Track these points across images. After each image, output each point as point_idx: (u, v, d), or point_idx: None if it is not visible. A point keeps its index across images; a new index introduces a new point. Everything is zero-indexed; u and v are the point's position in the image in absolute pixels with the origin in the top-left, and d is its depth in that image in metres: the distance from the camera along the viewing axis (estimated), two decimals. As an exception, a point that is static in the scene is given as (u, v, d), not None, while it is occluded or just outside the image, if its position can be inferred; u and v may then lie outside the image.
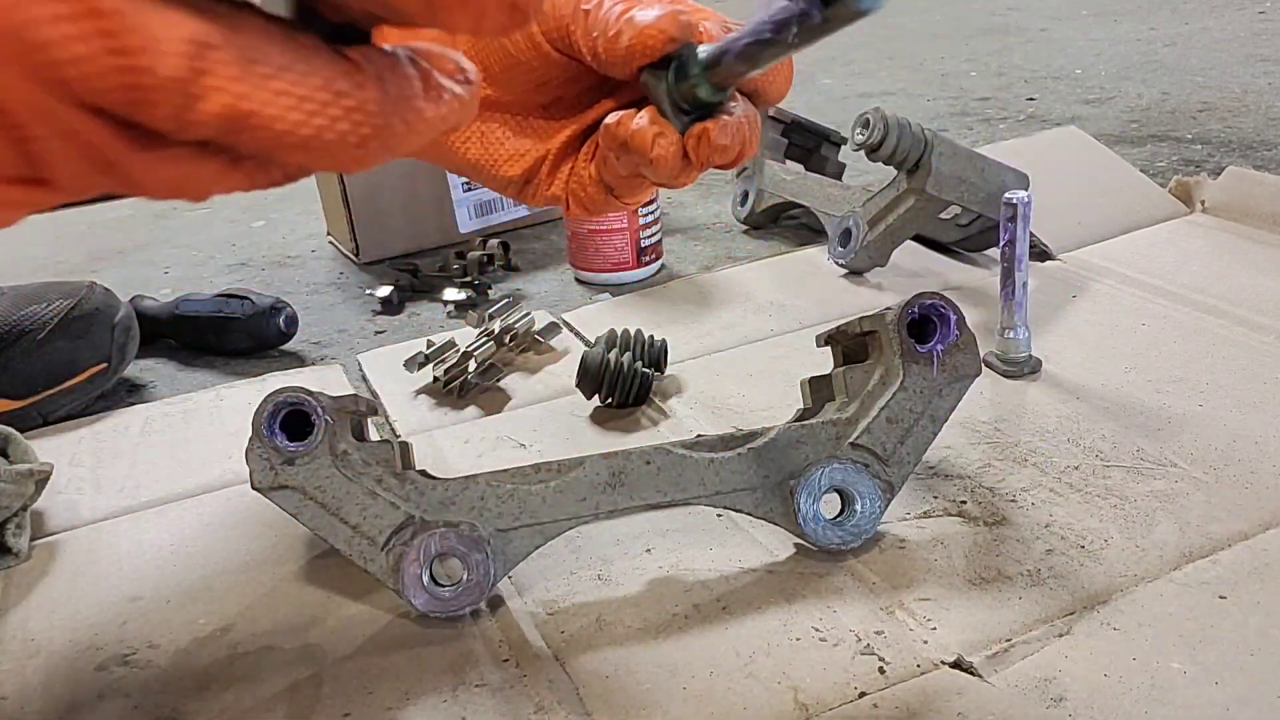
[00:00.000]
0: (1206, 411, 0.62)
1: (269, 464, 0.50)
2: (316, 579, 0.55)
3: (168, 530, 0.61)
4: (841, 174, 1.07)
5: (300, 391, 0.50)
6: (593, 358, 0.69)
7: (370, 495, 0.50)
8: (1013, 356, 0.69)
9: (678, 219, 1.11)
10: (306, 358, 0.85)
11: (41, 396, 0.74)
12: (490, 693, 0.46)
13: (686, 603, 0.51)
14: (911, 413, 0.53)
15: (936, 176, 0.80)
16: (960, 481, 0.58)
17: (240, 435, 0.67)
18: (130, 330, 0.79)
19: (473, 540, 0.50)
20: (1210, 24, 1.79)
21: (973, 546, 0.53)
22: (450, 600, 0.50)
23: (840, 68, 1.78)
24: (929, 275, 0.87)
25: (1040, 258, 0.87)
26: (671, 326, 0.81)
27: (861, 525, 0.52)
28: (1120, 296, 0.79)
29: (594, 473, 0.52)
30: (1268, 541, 0.51)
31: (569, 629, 0.50)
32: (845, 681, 0.45)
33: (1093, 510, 0.55)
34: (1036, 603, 0.48)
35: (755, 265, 0.93)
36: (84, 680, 0.49)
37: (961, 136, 1.30)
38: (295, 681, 0.48)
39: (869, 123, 0.80)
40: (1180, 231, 0.90)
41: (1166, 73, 1.50)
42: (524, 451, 0.66)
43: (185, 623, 0.53)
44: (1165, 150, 1.17)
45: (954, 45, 1.85)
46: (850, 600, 0.50)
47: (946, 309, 0.53)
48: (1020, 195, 0.66)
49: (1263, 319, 0.72)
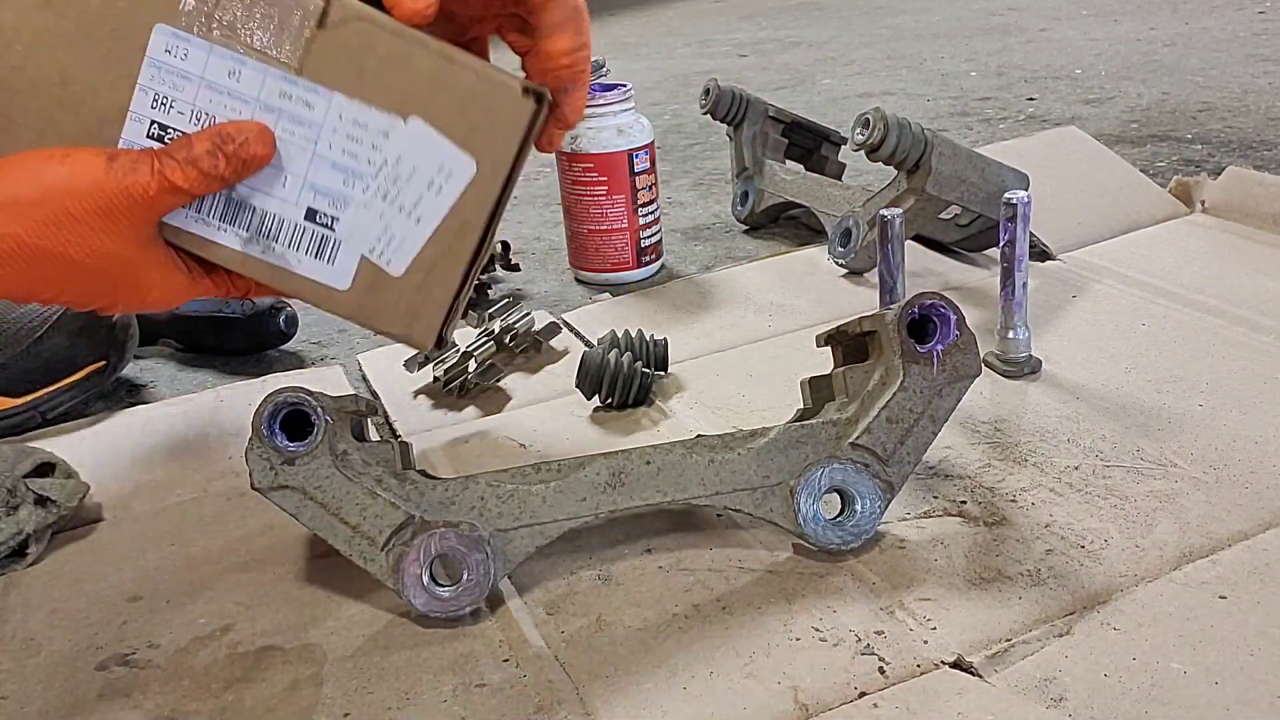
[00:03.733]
0: (1206, 411, 0.62)
1: (269, 464, 0.50)
2: (316, 579, 0.55)
3: (168, 530, 0.61)
4: (841, 174, 1.07)
5: (300, 391, 0.50)
6: (593, 358, 0.69)
7: (370, 495, 0.50)
8: (1013, 356, 0.69)
9: (678, 219, 1.11)
10: (306, 358, 0.85)
11: (40, 394, 0.74)
12: (490, 693, 0.46)
13: (686, 603, 0.51)
14: (911, 413, 0.53)
15: (936, 176, 0.80)
16: (960, 481, 0.58)
17: (240, 435, 0.67)
18: (129, 328, 0.79)
19: (473, 540, 0.50)
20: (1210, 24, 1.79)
21: (973, 546, 0.53)
22: (450, 600, 0.50)
23: (840, 68, 1.78)
24: (929, 275, 0.87)
25: (1040, 258, 0.87)
26: (671, 326, 0.81)
27: (861, 525, 0.52)
28: (1120, 296, 0.79)
29: (594, 473, 0.52)
30: (1268, 541, 0.51)
31: (569, 629, 0.50)
32: (845, 681, 0.45)
33: (1093, 510, 0.55)
34: (1036, 603, 0.48)
35: (755, 265, 0.93)
36: (84, 680, 0.49)
37: (961, 136, 1.30)
38: (295, 681, 0.48)
39: (869, 123, 0.80)
40: (1180, 231, 0.90)
41: (1166, 73, 1.50)
42: (524, 451, 0.66)
43: (185, 623, 0.53)
44: (1165, 150, 1.17)
45: (954, 45, 1.85)
46: (850, 600, 0.50)
47: (946, 309, 0.53)
48: (1020, 195, 0.66)
49: (1263, 319, 0.72)
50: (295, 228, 0.48)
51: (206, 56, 0.47)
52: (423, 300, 0.49)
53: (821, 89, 1.66)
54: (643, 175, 0.91)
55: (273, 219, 0.48)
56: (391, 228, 0.48)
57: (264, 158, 0.47)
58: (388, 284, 0.49)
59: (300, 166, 0.48)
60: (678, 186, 1.22)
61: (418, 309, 0.49)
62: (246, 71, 0.47)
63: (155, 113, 0.48)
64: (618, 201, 0.90)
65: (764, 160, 1.02)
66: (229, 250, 0.49)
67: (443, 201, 0.48)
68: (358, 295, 0.49)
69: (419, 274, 0.49)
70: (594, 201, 0.90)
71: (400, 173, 0.48)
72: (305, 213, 0.48)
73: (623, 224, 0.91)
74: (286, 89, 0.47)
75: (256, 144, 0.47)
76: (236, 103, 0.47)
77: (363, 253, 0.49)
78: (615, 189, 0.90)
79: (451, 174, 0.47)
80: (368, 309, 0.49)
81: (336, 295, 0.49)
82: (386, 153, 0.47)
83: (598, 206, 0.90)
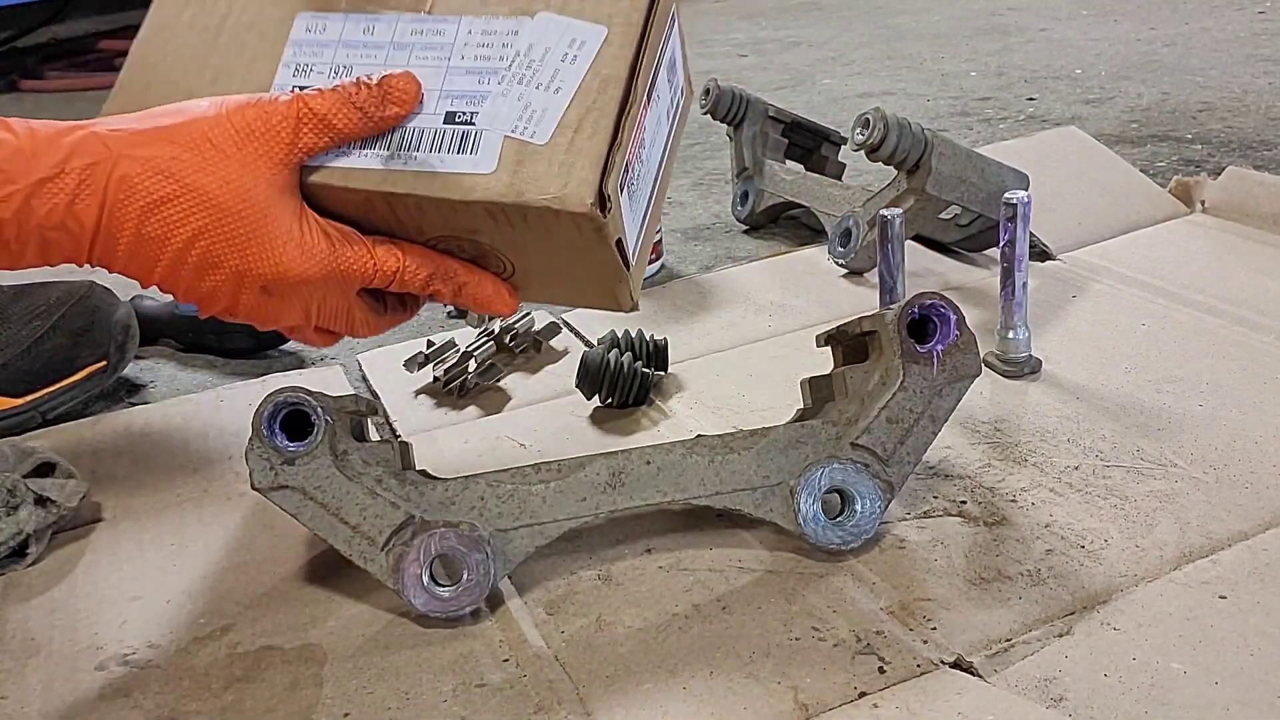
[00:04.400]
0: (1206, 411, 0.62)
1: (269, 464, 0.50)
2: (316, 579, 0.55)
3: (168, 530, 0.61)
4: (841, 174, 1.07)
5: (300, 391, 0.50)
6: (593, 358, 0.69)
7: (370, 495, 0.50)
8: (1013, 356, 0.69)
9: (678, 219, 1.11)
10: (306, 358, 0.85)
11: (40, 394, 0.74)
12: (490, 693, 0.46)
13: (686, 603, 0.51)
14: (911, 413, 0.53)
15: (936, 176, 0.80)
16: (960, 481, 0.58)
17: (240, 435, 0.67)
18: (130, 329, 0.79)
19: (473, 540, 0.50)
20: (1210, 24, 1.79)
21: (973, 546, 0.53)
22: (450, 600, 0.50)
23: (840, 68, 1.78)
24: (929, 275, 0.87)
25: (1040, 258, 0.87)
26: (671, 326, 0.81)
27: (861, 525, 0.52)
28: (1120, 296, 0.79)
29: (594, 473, 0.52)
30: (1268, 541, 0.51)
31: (569, 629, 0.50)
32: (845, 681, 0.45)
33: (1093, 510, 0.55)
34: (1036, 603, 0.48)
35: (755, 265, 0.93)
36: (84, 680, 0.49)
37: (961, 136, 1.30)
38: (295, 681, 0.48)
39: (869, 123, 0.80)
40: (1180, 231, 0.90)
41: (1166, 73, 1.50)
42: (524, 451, 0.66)
43: (185, 623, 0.53)
44: (1165, 150, 1.17)
45: (954, 45, 1.85)
46: (850, 600, 0.50)
47: (946, 309, 0.53)
48: (1020, 195, 0.66)
49: (1263, 319, 0.72)
50: (435, 133, 0.48)
51: (343, 23, 0.50)
52: (574, 158, 0.47)
53: (821, 89, 1.66)
54: (643, 175, 0.90)
55: (412, 132, 0.48)
56: (532, 104, 0.48)
57: (408, 92, 0.48)
58: (535, 154, 0.47)
59: (435, 83, 0.48)
60: (678, 186, 1.22)
61: (570, 167, 0.47)
62: (380, 25, 0.49)
63: (297, 78, 0.50)
64: (618, 201, 0.90)
65: (764, 160, 1.02)
66: (370, 171, 0.48)
67: (579, 68, 0.47)
68: (506, 174, 0.47)
69: (566, 134, 0.47)
70: (594, 201, 0.90)
71: (533, 58, 0.48)
72: (445, 118, 0.48)
73: (623, 224, 0.91)
74: (418, 27, 0.49)
75: (400, 79, 0.47)
76: (371, 50, 0.49)
77: (505, 133, 0.48)
78: (615, 189, 0.90)
79: (584, 43, 0.47)
80: (518, 184, 0.47)
81: (484, 181, 0.47)
82: (518, 45, 0.48)
83: (598, 206, 0.90)
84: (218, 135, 0.45)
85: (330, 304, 0.51)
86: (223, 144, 0.45)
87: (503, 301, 0.54)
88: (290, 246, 0.47)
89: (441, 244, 0.51)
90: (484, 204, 0.47)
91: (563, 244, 0.49)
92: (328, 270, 0.48)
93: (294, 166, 0.47)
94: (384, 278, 0.50)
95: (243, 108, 0.46)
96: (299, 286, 0.49)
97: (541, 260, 0.52)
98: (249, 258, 0.47)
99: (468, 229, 0.50)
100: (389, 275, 0.50)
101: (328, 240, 0.48)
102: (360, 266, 0.49)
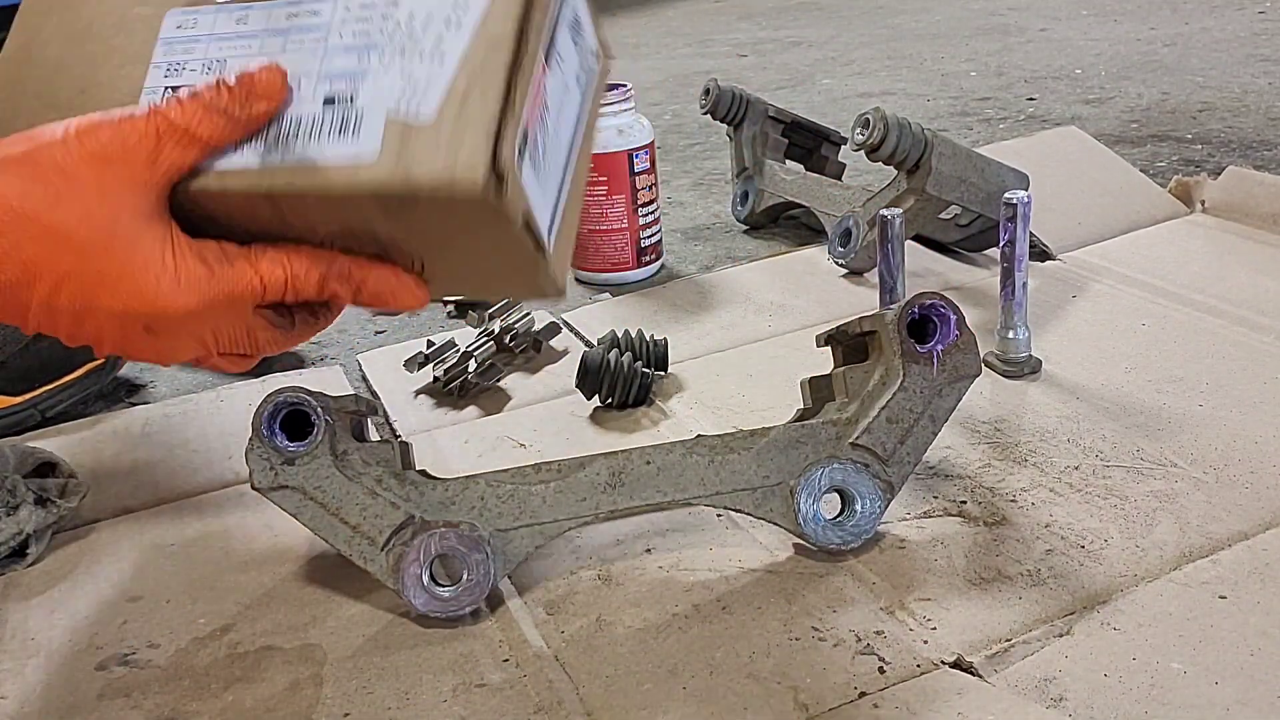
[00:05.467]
0: (1206, 411, 0.62)
1: (269, 464, 0.50)
2: (316, 579, 0.55)
3: (168, 530, 0.61)
4: (841, 174, 1.07)
5: (300, 391, 0.50)
6: (593, 358, 0.69)
7: (370, 495, 0.50)
8: (1013, 356, 0.69)
9: (678, 219, 1.11)
10: (306, 358, 0.85)
11: (39, 392, 0.74)
12: (490, 693, 0.46)
13: (686, 603, 0.51)
14: (911, 413, 0.53)
15: (936, 176, 0.80)
16: (960, 481, 0.58)
17: (240, 435, 0.67)
18: (130, 330, 0.79)
19: (473, 540, 0.50)
20: (1210, 24, 1.79)
21: (973, 546, 0.53)
22: (450, 600, 0.50)
23: (840, 68, 1.78)
24: (929, 275, 0.87)
25: (1040, 258, 0.87)
26: (671, 326, 0.81)
27: (861, 525, 0.52)
28: (1120, 296, 0.79)
29: (594, 473, 0.52)
30: (1268, 541, 0.51)
31: (569, 629, 0.50)
32: (845, 681, 0.45)
33: (1093, 510, 0.55)
34: (1036, 603, 0.48)
35: (755, 265, 0.93)
36: (84, 680, 0.49)
37: (961, 136, 1.30)
38: (295, 681, 0.48)
39: (869, 123, 0.80)
40: (1180, 231, 0.90)
41: (1166, 73, 1.50)
42: (524, 451, 0.66)
43: (185, 623, 0.53)
44: (1165, 150, 1.17)
45: (954, 45, 1.85)
46: (850, 600, 0.50)
47: (946, 309, 0.53)
48: (1020, 195, 0.66)
49: (1263, 319, 0.72)
50: (314, 120, 0.44)
51: (215, 16, 0.47)
52: (462, 129, 0.42)
53: (821, 89, 1.66)
54: (643, 175, 0.91)
55: (290, 122, 0.44)
56: (415, 77, 0.44)
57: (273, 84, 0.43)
58: (421, 131, 0.43)
59: (313, 66, 0.45)
60: (678, 186, 1.22)
61: (459, 141, 0.42)
62: (254, 13, 0.46)
63: (169, 79, 0.46)
64: (618, 202, 0.90)
65: (764, 160, 1.02)
66: (247, 171, 0.44)
67: (464, 33, 0.43)
68: (391, 156, 0.43)
69: (454, 105, 0.43)
70: (594, 201, 0.90)
71: (415, 27, 0.44)
72: (323, 101, 0.44)
73: (623, 224, 0.91)
74: (293, 10, 0.45)
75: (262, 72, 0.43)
76: (245, 41, 0.45)
77: (388, 110, 0.44)
78: (615, 189, 0.90)
79: (469, 5, 0.44)
80: (403, 166, 0.43)
81: (367, 168, 0.43)
82: (398, 15, 0.44)
83: (598, 206, 0.90)
84: (70, 163, 0.40)
85: (226, 330, 0.47)
86: (76, 172, 0.40)
87: (410, 295, 0.49)
88: (165, 280, 0.43)
89: (340, 242, 0.48)
90: (369, 193, 0.43)
91: (464, 226, 0.45)
92: (209, 298, 0.44)
93: (159, 187, 0.43)
94: (274, 290, 0.46)
95: (95, 128, 0.41)
96: (184, 321, 0.44)
97: (449, 248, 0.47)
98: (122, 297, 0.42)
99: (361, 222, 0.46)
100: (279, 287, 0.46)
101: (204, 264, 0.44)
102: (245, 285, 0.45)
